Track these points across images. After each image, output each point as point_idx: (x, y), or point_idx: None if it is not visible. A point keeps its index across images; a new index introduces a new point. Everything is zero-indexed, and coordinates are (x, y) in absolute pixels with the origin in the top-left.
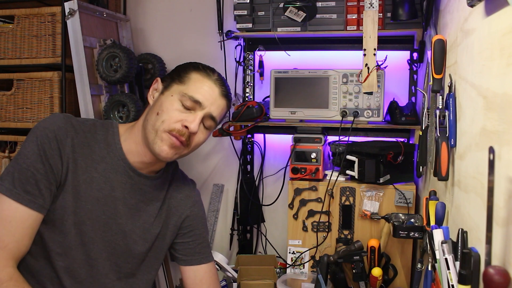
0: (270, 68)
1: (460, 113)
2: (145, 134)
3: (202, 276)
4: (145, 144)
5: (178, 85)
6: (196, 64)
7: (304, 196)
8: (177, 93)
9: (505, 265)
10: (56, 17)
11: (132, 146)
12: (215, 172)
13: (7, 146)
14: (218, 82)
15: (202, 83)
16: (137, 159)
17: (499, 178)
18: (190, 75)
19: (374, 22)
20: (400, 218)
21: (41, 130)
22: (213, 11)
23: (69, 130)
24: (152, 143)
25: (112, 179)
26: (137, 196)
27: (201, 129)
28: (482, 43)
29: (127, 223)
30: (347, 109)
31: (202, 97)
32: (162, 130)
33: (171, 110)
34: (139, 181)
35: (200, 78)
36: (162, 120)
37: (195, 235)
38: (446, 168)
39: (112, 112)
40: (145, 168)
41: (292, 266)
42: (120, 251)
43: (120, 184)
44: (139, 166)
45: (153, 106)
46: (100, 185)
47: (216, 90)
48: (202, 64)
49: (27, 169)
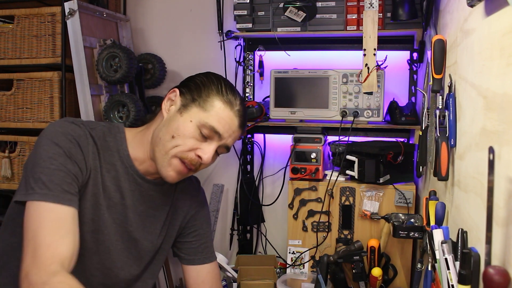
0: (270, 68)
1: (460, 113)
2: (153, 149)
3: (205, 275)
4: (152, 158)
5: (199, 111)
6: (219, 85)
7: (304, 196)
8: (197, 119)
9: (505, 265)
10: (56, 17)
11: (140, 154)
12: (215, 172)
13: (7, 146)
14: (239, 113)
15: (224, 114)
16: (145, 167)
17: (499, 178)
18: (214, 103)
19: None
20: (400, 218)
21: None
22: (213, 11)
23: (89, 138)
24: (160, 165)
25: (122, 186)
26: (146, 203)
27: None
28: (482, 43)
29: (138, 230)
30: (347, 109)
31: (222, 129)
32: (173, 155)
33: (187, 138)
34: (147, 188)
35: (223, 108)
36: (176, 145)
37: (199, 235)
38: (446, 168)
39: (112, 112)
40: (153, 174)
41: (292, 266)
42: (132, 258)
43: (129, 191)
44: (147, 173)
45: (168, 125)
46: (112, 193)
47: (236, 122)
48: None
49: (59, 169)
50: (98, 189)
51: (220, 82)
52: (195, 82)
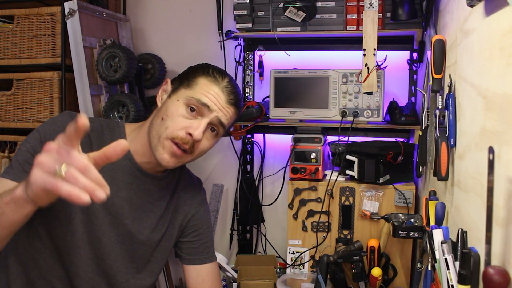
0: (270, 68)
1: (460, 113)
2: (149, 138)
3: (205, 275)
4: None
5: (185, 90)
6: (207, 68)
7: (304, 196)
8: (183, 97)
9: (505, 265)
10: (56, 17)
11: (139, 147)
12: (215, 172)
13: (6, 146)
14: (226, 89)
15: (209, 89)
16: (144, 159)
17: (499, 178)
18: (198, 80)
19: (374, 22)
20: (400, 218)
21: (48, 124)
22: (213, 11)
23: None
24: (154, 149)
25: (118, 179)
26: (144, 197)
27: (207, 136)
28: (482, 43)
29: (133, 224)
30: (347, 109)
31: (209, 101)
32: (164, 137)
33: (176, 116)
34: (145, 181)
35: (207, 83)
36: (166, 127)
37: (200, 235)
38: (446, 168)
39: (112, 112)
40: (152, 168)
41: (292, 266)
42: (126, 251)
43: (126, 184)
44: (146, 166)
45: (160, 110)
46: None
47: (223, 98)
48: (213, 68)
49: (27, 151)
50: None
51: (208, 66)
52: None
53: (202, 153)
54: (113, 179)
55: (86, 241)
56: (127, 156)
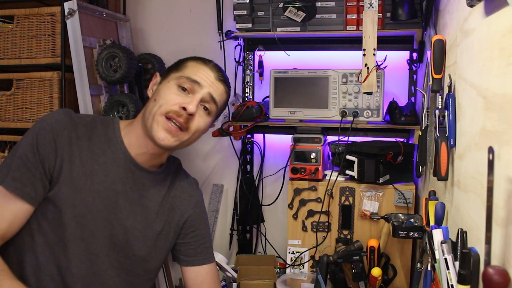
0: (270, 68)
1: (459, 113)
2: (144, 123)
3: (204, 277)
4: (146, 134)
5: (175, 73)
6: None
7: (304, 196)
8: (174, 78)
9: (505, 265)
10: (55, 17)
11: (133, 139)
12: (215, 172)
13: (6, 146)
14: (214, 68)
15: (198, 67)
16: (139, 151)
17: (499, 178)
18: (187, 63)
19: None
20: (400, 218)
21: (39, 123)
22: (213, 11)
23: (67, 123)
24: (150, 129)
25: (113, 172)
26: (139, 191)
27: (201, 113)
28: (481, 43)
29: (128, 218)
30: (347, 109)
31: (199, 77)
32: (159, 114)
33: (168, 94)
34: (140, 175)
35: (196, 64)
36: (160, 105)
37: (197, 236)
38: (446, 168)
39: (112, 112)
40: (147, 161)
41: (292, 266)
42: (120, 246)
43: (121, 177)
44: (141, 159)
45: (151, 96)
46: (101, 177)
47: (212, 75)
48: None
49: (19, 158)
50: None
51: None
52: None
53: (198, 132)
54: (108, 172)
55: (78, 236)
56: (122, 149)
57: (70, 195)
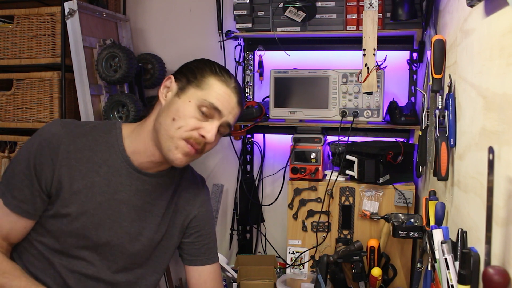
0: (270, 68)
1: (459, 113)
2: (157, 137)
3: (207, 276)
4: (156, 146)
5: (196, 90)
6: (213, 66)
7: (304, 196)
8: (196, 98)
9: (505, 265)
10: (55, 17)
11: (140, 146)
12: (215, 172)
13: (6, 146)
14: (235, 90)
15: (222, 91)
16: (145, 159)
17: (499, 178)
18: (208, 80)
19: (374, 22)
20: (400, 218)
21: (37, 138)
22: (213, 11)
23: (64, 136)
24: (166, 150)
25: (115, 181)
26: (143, 197)
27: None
28: (481, 43)
29: (133, 226)
30: (347, 109)
31: (221, 105)
32: (178, 137)
33: (188, 118)
34: (143, 182)
35: (219, 85)
36: (179, 127)
37: (202, 236)
38: (446, 168)
39: (112, 112)
40: (153, 167)
41: (292, 266)
42: (126, 254)
43: (124, 186)
44: (146, 166)
45: (167, 109)
46: (103, 188)
47: (234, 99)
48: (218, 66)
49: (17, 175)
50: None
51: (213, 63)
52: (188, 67)
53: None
54: (110, 182)
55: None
56: (124, 158)
57: (70, 208)
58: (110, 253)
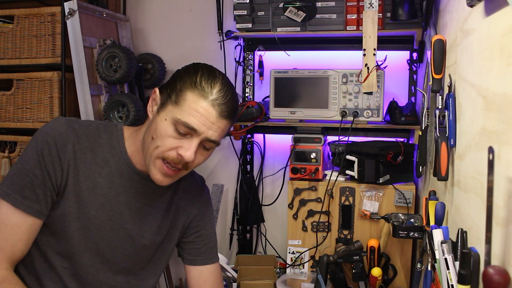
0: (270, 68)
1: (459, 113)
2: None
3: (207, 276)
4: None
5: (173, 107)
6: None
7: (304, 196)
8: (171, 117)
9: (505, 265)
10: (56, 17)
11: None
12: (215, 172)
13: (6, 146)
14: (216, 102)
15: (197, 106)
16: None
17: (499, 178)
18: (185, 95)
19: (374, 22)
20: (400, 218)
21: (42, 136)
22: (213, 11)
23: (70, 135)
24: (147, 167)
25: (117, 183)
26: (142, 200)
27: (200, 151)
28: (481, 43)
29: (134, 228)
30: (347, 109)
31: (197, 123)
32: (155, 156)
33: (165, 137)
34: (144, 184)
35: (195, 99)
36: (156, 146)
37: (201, 236)
38: (446, 168)
39: (112, 112)
40: None
41: (292, 266)
42: (128, 255)
43: (125, 188)
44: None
45: (150, 126)
46: (104, 190)
47: (213, 113)
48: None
49: (26, 175)
50: (81, 187)
51: (197, 73)
52: (173, 77)
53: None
54: (111, 183)
55: (83, 248)
56: (125, 160)
57: (73, 209)
58: (111, 255)
